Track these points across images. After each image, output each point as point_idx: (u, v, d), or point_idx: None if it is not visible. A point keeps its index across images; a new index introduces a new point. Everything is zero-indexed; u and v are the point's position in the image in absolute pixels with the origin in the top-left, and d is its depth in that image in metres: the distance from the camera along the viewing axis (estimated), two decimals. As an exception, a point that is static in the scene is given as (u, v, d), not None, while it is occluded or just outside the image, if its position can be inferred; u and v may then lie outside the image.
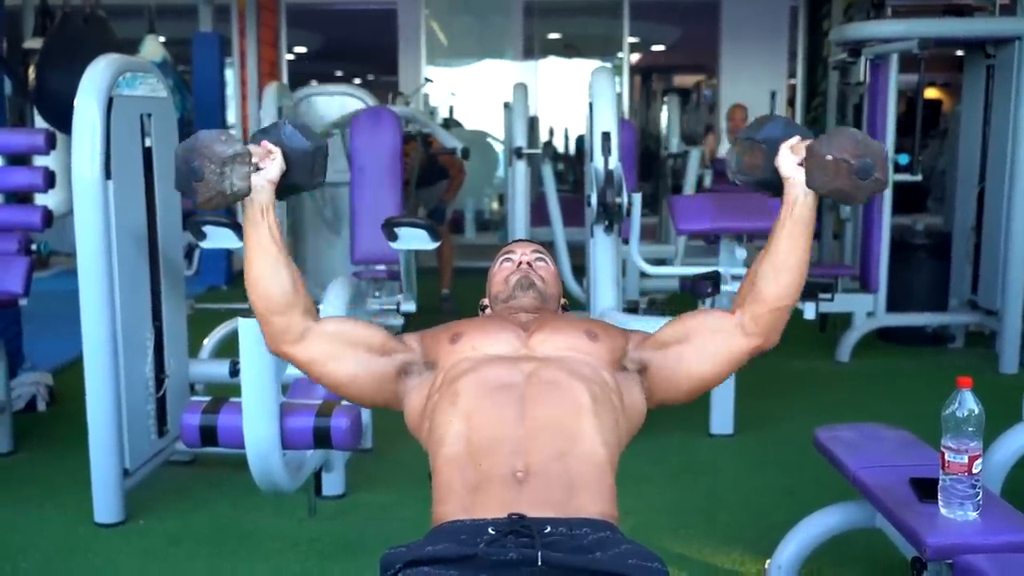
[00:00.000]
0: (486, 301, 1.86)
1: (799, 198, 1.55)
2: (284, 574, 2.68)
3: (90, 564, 2.74)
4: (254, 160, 1.54)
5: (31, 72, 4.13)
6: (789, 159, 1.56)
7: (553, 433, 1.49)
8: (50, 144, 3.33)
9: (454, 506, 1.47)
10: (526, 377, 1.55)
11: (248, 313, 2.36)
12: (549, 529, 1.39)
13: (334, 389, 1.64)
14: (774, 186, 1.59)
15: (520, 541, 1.37)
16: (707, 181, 6.89)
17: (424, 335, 1.68)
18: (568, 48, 10.81)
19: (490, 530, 1.39)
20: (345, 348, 1.61)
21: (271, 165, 1.57)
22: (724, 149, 7.11)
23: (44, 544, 2.87)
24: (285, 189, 1.60)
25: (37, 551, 2.83)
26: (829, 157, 1.49)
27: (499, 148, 8.20)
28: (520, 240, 1.97)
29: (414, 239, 3.59)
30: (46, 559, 2.78)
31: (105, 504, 2.94)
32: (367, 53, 11.31)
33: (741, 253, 3.77)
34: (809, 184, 1.53)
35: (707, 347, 1.60)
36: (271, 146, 1.58)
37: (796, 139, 1.57)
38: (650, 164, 8.86)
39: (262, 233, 1.57)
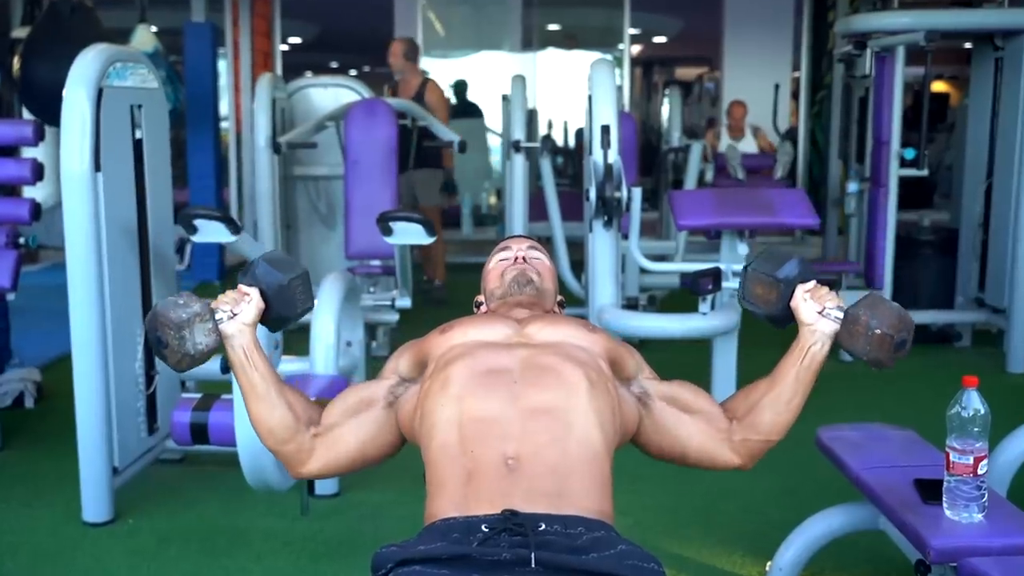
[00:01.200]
0: (481, 298, 1.83)
1: (816, 345, 1.59)
2: (276, 573, 2.65)
3: (78, 563, 2.71)
4: (225, 308, 1.57)
5: (16, 62, 4.08)
6: (809, 305, 1.59)
7: (547, 418, 1.47)
8: (39, 135, 3.28)
9: (446, 502, 1.44)
10: (520, 361, 1.54)
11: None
12: (543, 527, 1.37)
13: (356, 467, 1.66)
14: (781, 321, 1.63)
15: (513, 540, 1.35)
16: (708, 176, 6.84)
17: (402, 352, 1.68)
18: (568, 39, 10.76)
19: (483, 528, 1.37)
20: (342, 428, 1.62)
21: (246, 308, 1.58)
22: (724, 145, 7.07)
23: (31, 543, 2.83)
24: (273, 322, 1.63)
25: (24, 550, 2.79)
26: (878, 331, 1.53)
27: (497, 141, 8.15)
28: (516, 235, 1.95)
29: (409, 234, 3.54)
30: (33, 558, 2.75)
31: (94, 503, 2.90)
32: (363, 44, 11.26)
33: (743, 249, 3.72)
34: (847, 347, 1.57)
35: (700, 433, 1.64)
36: (247, 288, 1.60)
37: (813, 284, 1.61)
38: (651, 158, 8.81)
39: (250, 376, 1.59)
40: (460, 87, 8.97)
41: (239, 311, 1.58)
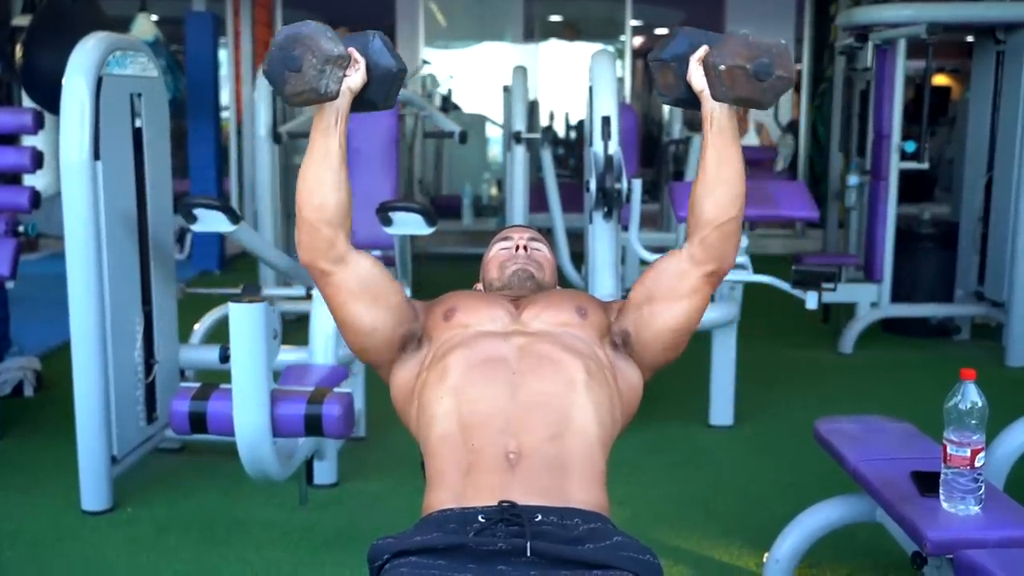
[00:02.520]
0: (479, 287, 1.82)
1: (714, 110, 1.52)
2: (274, 564, 2.65)
3: (77, 552, 2.71)
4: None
5: (18, 50, 4.07)
6: (698, 73, 1.52)
7: (546, 410, 1.47)
8: (38, 124, 3.28)
9: (445, 493, 1.44)
10: (517, 350, 1.53)
11: (239, 298, 2.33)
12: (540, 518, 1.37)
13: (347, 329, 1.60)
14: (694, 102, 1.55)
15: (510, 530, 1.35)
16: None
17: (427, 306, 1.66)
18: (569, 30, 10.73)
19: (480, 518, 1.37)
20: (373, 294, 1.58)
21: (355, 75, 1.52)
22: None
23: (30, 532, 2.84)
24: (357, 104, 1.55)
25: (23, 539, 2.79)
26: (723, 67, 1.45)
27: (498, 132, 8.14)
28: (517, 225, 1.94)
29: (409, 224, 3.53)
30: (32, 547, 2.75)
31: (92, 491, 2.90)
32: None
33: (743, 242, 3.71)
34: (714, 96, 1.50)
35: (671, 295, 1.58)
36: (358, 55, 1.52)
37: (704, 50, 1.52)
38: (651, 150, 8.79)
39: (332, 141, 1.52)
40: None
41: (349, 74, 1.51)
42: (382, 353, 1.61)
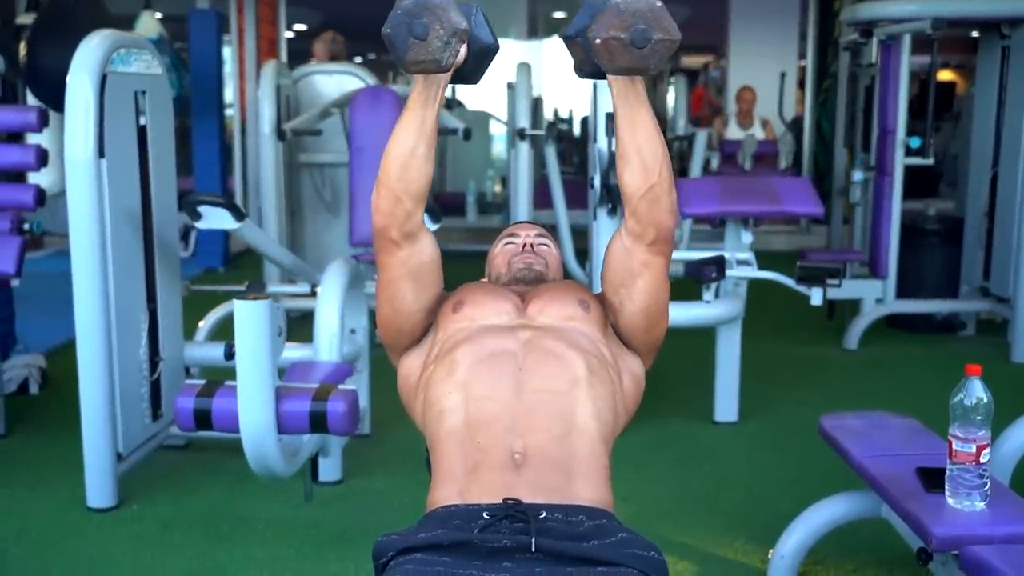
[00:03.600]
0: (484, 282, 1.81)
1: (617, 80, 1.48)
2: (279, 560, 2.65)
3: (82, 549, 2.71)
4: None
5: (22, 48, 4.07)
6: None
7: (550, 409, 1.47)
8: (43, 122, 3.28)
9: (450, 490, 1.44)
10: (523, 345, 1.53)
11: (244, 295, 2.33)
12: (545, 515, 1.37)
13: (385, 301, 1.59)
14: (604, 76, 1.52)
15: (515, 527, 1.35)
16: (714, 164, 6.81)
17: (442, 297, 1.66)
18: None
19: (484, 515, 1.37)
20: (424, 282, 1.59)
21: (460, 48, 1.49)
22: (735, 132, 7.03)
23: (36, 529, 2.84)
24: (455, 76, 1.52)
25: (29, 536, 2.80)
26: (598, 41, 1.40)
27: (502, 129, 8.13)
28: (523, 222, 1.93)
29: (414, 221, 3.53)
30: (38, 544, 2.75)
31: (98, 488, 2.91)
32: (368, 31, 11.22)
33: (747, 237, 3.71)
34: (605, 72, 1.46)
35: (627, 276, 1.57)
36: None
37: None
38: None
39: (430, 112, 1.50)
40: None
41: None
42: (405, 336, 1.62)
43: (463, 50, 1.47)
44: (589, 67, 1.52)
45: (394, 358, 1.66)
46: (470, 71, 1.53)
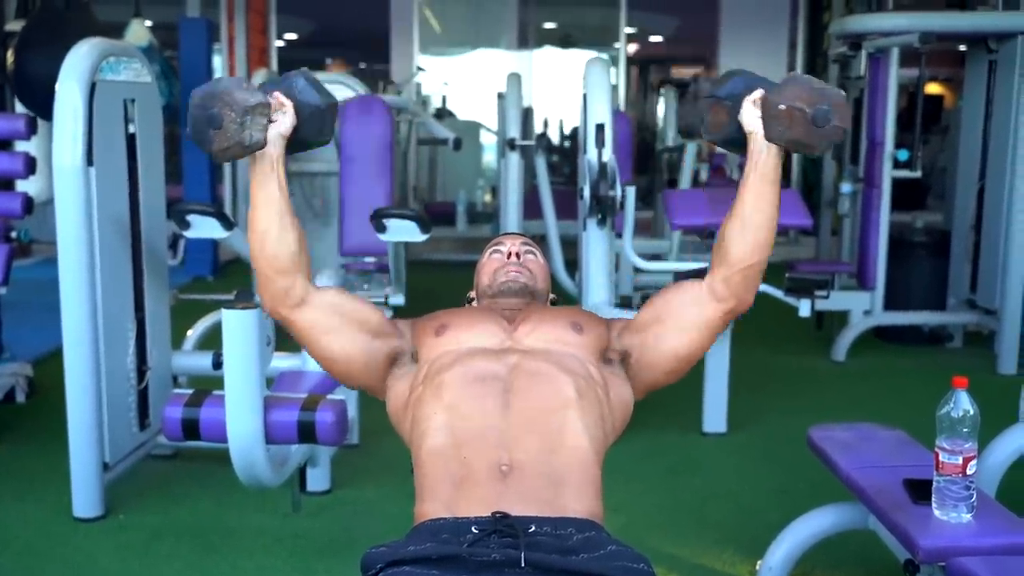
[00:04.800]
0: (473, 294, 1.82)
1: (761, 152, 1.51)
2: (267, 571, 2.64)
3: (68, 559, 2.70)
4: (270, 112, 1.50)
5: (9, 55, 4.06)
6: (751, 114, 1.52)
7: (538, 426, 1.47)
8: (31, 129, 3.27)
9: (437, 504, 1.44)
10: (510, 369, 1.53)
11: (232, 304, 2.32)
12: (533, 528, 1.37)
13: (325, 363, 1.61)
14: (742, 144, 1.55)
15: (503, 541, 1.35)
16: (703, 176, 6.84)
17: (414, 323, 1.66)
18: (564, 38, 10.75)
19: (473, 529, 1.37)
20: (343, 323, 1.58)
21: (283, 119, 1.52)
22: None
23: (21, 538, 2.82)
24: (293, 144, 1.55)
25: (14, 545, 2.78)
26: (782, 106, 1.44)
27: (492, 139, 8.15)
28: (510, 233, 1.93)
29: (403, 231, 3.54)
30: (23, 553, 2.74)
31: (84, 498, 2.89)
32: (359, 41, 11.23)
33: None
34: (767, 136, 1.50)
35: (683, 321, 1.58)
36: (284, 99, 1.53)
37: (759, 93, 1.53)
38: (646, 157, 8.81)
39: (272, 189, 1.53)
40: None
41: (275, 119, 1.51)
42: (367, 376, 1.61)
43: (287, 119, 1.51)
44: (727, 132, 1.55)
45: (379, 396, 1.64)
46: (308, 134, 1.56)
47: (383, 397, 1.64)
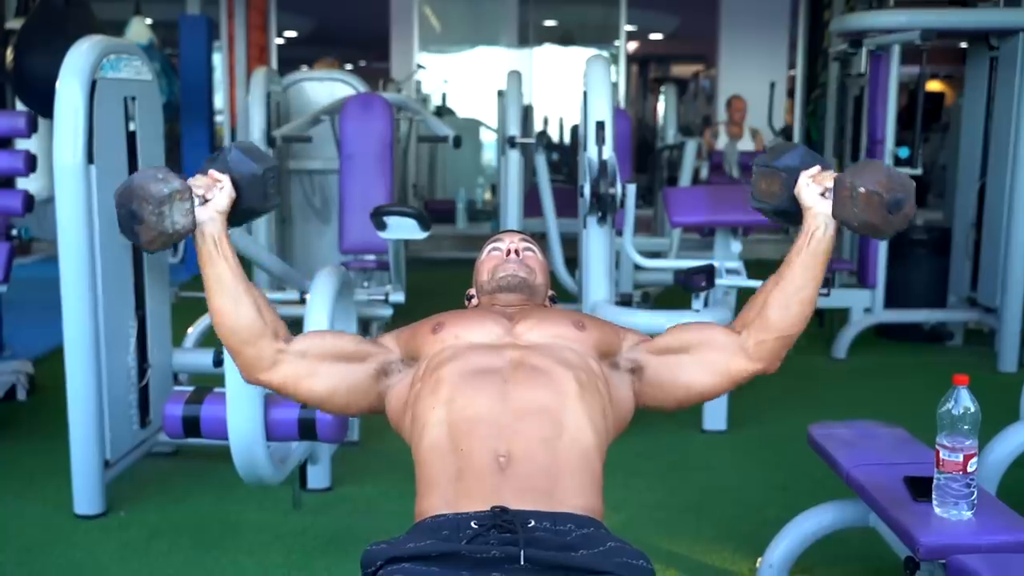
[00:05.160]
0: (472, 291, 1.82)
1: (819, 229, 1.54)
2: (268, 568, 2.64)
3: (69, 556, 2.70)
4: (199, 192, 1.51)
5: (9, 53, 4.06)
6: (811, 189, 1.54)
7: (538, 418, 1.47)
8: (32, 127, 3.27)
9: (437, 499, 1.44)
10: (510, 363, 1.53)
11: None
12: (533, 524, 1.37)
13: (315, 405, 1.62)
14: (790, 215, 1.58)
15: (503, 537, 1.35)
16: (704, 173, 6.84)
17: (401, 332, 1.66)
18: (564, 36, 10.75)
19: (472, 524, 1.37)
20: (319, 363, 1.58)
21: (219, 195, 1.53)
22: (722, 142, 7.06)
23: (22, 536, 2.83)
24: (240, 215, 1.57)
25: (15, 543, 2.79)
26: (862, 189, 1.47)
27: (492, 137, 8.15)
28: (509, 230, 1.94)
29: (403, 228, 3.54)
30: (24, 551, 2.74)
31: (85, 495, 2.89)
32: (359, 38, 11.24)
33: (736, 246, 3.73)
34: (837, 215, 1.52)
35: (707, 361, 1.59)
36: (218, 175, 1.54)
37: (817, 169, 1.55)
38: (646, 155, 8.81)
39: (219, 268, 1.53)
40: None
41: (211, 197, 1.52)
42: (358, 400, 1.61)
43: (224, 195, 1.52)
44: (778, 202, 1.58)
45: (379, 411, 1.64)
46: (252, 202, 1.57)
47: (382, 410, 1.64)
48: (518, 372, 1.51)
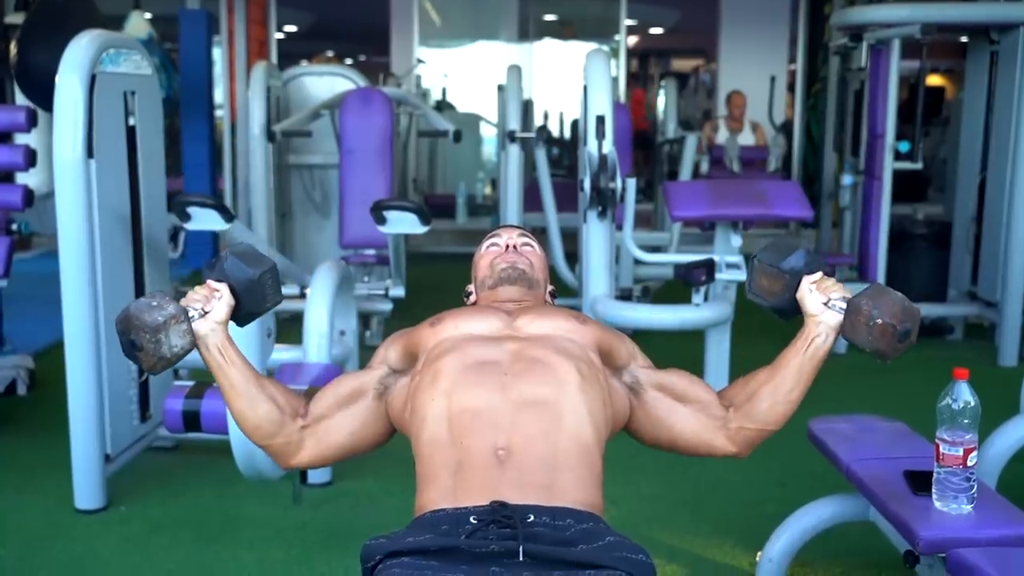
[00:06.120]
0: (471, 288, 1.82)
1: (820, 337, 1.56)
2: (268, 562, 2.64)
3: (70, 550, 2.70)
4: (196, 306, 1.53)
5: (12, 48, 4.05)
6: (814, 297, 1.57)
7: (538, 411, 1.47)
8: (31, 121, 3.27)
9: (436, 493, 1.44)
10: (510, 354, 1.53)
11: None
12: (532, 518, 1.37)
13: (347, 455, 1.64)
14: (787, 313, 1.61)
15: (502, 532, 1.35)
16: (704, 167, 6.83)
17: (394, 339, 1.66)
18: (564, 30, 10.74)
19: (472, 519, 1.37)
20: (332, 419, 1.60)
21: (218, 305, 1.55)
22: (722, 136, 7.06)
23: (23, 530, 2.83)
24: (241, 319, 1.60)
25: (16, 537, 2.79)
26: (879, 321, 1.50)
27: (492, 131, 8.14)
28: (507, 225, 1.93)
29: (403, 223, 3.54)
30: (25, 545, 2.74)
31: (86, 490, 2.90)
32: (359, 33, 11.23)
33: (736, 241, 3.72)
34: (848, 336, 1.54)
35: (697, 421, 1.62)
36: (216, 285, 1.56)
37: (819, 275, 1.58)
38: (646, 150, 8.80)
39: (230, 375, 1.55)
40: None
41: (210, 308, 1.54)
42: (381, 426, 1.63)
43: (223, 304, 1.54)
44: (777, 301, 1.61)
45: (397, 424, 1.64)
46: (252, 305, 1.59)
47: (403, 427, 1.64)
48: (518, 363, 1.51)
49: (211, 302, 1.55)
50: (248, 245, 1.62)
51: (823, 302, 1.56)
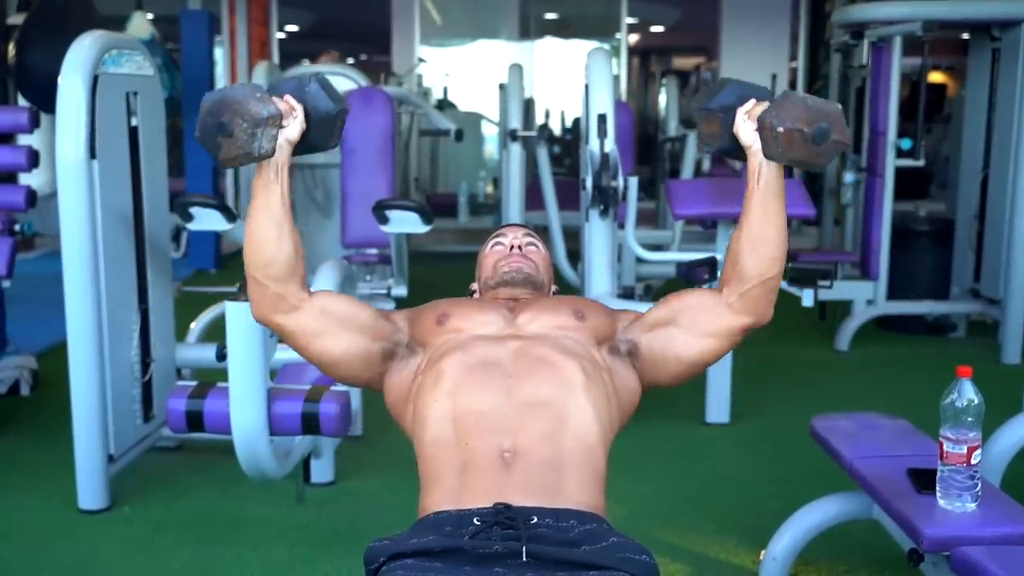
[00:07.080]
0: (475, 286, 1.82)
1: (762, 167, 1.50)
2: (271, 562, 2.64)
3: (73, 551, 2.70)
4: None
5: (11, 48, 4.06)
6: (747, 126, 1.50)
7: (542, 411, 1.46)
8: (34, 122, 3.27)
9: (440, 495, 1.44)
10: (513, 354, 1.52)
11: (236, 297, 2.32)
12: (535, 520, 1.37)
13: (321, 366, 1.60)
14: (734, 153, 1.54)
15: (505, 533, 1.35)
16: (706, 166, 6.83)
17: (410, 314, 1.65)
18: (565, 28, 10.73)
19: (475, 520, 1.37)
20: (335, 325, 1.57)
21: (293, 124, 1.50)
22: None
23: (26, 531, 2.83)
24: (301, 148, 1.55)
25: (19, 538, 2.79)
26: (781, 129, 1.43)
27: (494, 130, 8.14)
28: (512, 224, 1.93)
29: (405, 222, 3.54)
30: (28, 546, 2.74)
31: (89, 490, 2.90)
32: (360, 32, 11.22)
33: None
34: (767, 155, 1.48)
35: (695, 325, 1.57)
36: (295, 103, 1.50)
37: (752, 103, 1.51)
38: (648, 148, 8.80)
39: (274, 195, 1.51)
40: None
41: (286, 125, 1.49)
42: (362, 373, 1.60)
43: (296, 125, 1.49)
44: (722, 143, 1.54)
45: (374, 388, 1.63)
46: (318, 140, 1.54)
47: (378, 388, 1.63)
48: (521, 363, 1.51)
49: (288, 119, 1.50)
50: (327, 79, 1.55)
51: (755, 129, 1.49)
